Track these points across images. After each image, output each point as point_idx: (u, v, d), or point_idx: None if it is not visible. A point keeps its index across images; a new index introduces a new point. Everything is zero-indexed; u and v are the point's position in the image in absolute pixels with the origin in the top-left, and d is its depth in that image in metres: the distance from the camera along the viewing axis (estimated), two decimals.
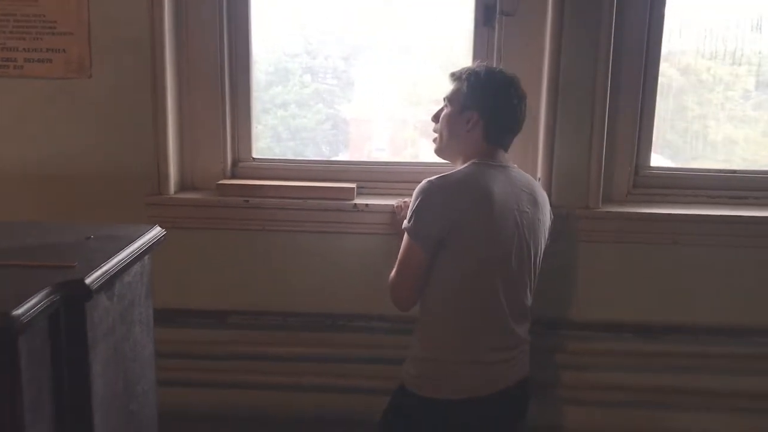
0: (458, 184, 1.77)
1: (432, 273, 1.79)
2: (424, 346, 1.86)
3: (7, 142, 2.22)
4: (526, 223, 1.82)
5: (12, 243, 1.05)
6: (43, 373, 0.90)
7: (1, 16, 2.16)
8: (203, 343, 2.30)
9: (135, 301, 1.14)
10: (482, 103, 1.83)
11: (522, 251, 1.83)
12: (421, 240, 1.75)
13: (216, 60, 2.26)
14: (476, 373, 1.82)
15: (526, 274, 1.87)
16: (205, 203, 2.25)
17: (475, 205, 1.74)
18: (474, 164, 1.82)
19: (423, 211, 1.74)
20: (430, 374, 1.84)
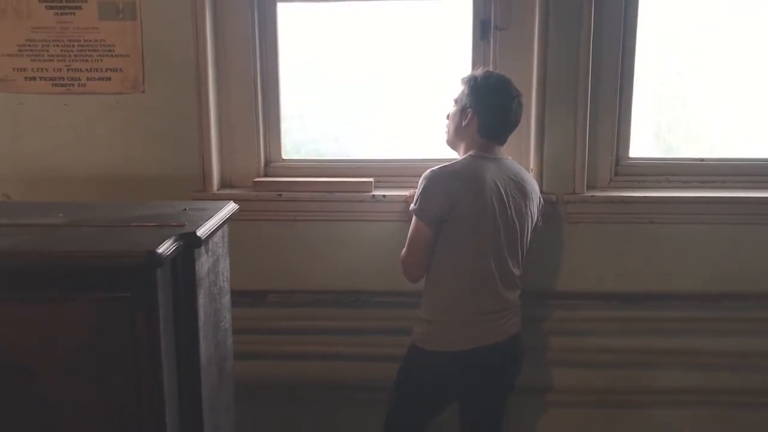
0: (455, 172, 2.15)
1: (434, 249, 2.15)
2: (427, 310, 2.23)
3: (74, 148, 2.57)
4: (514, 206, 2.18)
5: (132, 214, 1.41)
6: (168, 299, 1.24)
7: (67, 41, 2.52)
8: (246, 319, 2.63)
9: (219, 257, 1.49)
10: (477, 102, 2.20)
11: (510, 229, 2.19)
12: (425, 218, 2.12)
13: (250, 76, 2.61)
14: (469, 331, 2.19)
15: (514, 249, 2.23)
16: (245, 198, 2.60)
17: (468, 190, 2.12)
18: (470, 156, 2.20)
19: (426, 194, 2.12)
20: (431, 332, 2.22)
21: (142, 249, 1.15)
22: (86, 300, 1.17)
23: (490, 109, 2.21)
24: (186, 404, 1.31)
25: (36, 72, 2.54)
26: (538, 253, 2.53)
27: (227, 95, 2.63)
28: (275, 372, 2.67)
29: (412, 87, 2.75)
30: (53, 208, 1.52)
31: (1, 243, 1.22)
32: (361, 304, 2.63)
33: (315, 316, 2.65)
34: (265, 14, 2.63)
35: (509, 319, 2.25)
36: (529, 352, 2.56)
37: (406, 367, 2.31)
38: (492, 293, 2.18)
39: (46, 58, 2.53)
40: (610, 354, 2.62)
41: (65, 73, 2.55)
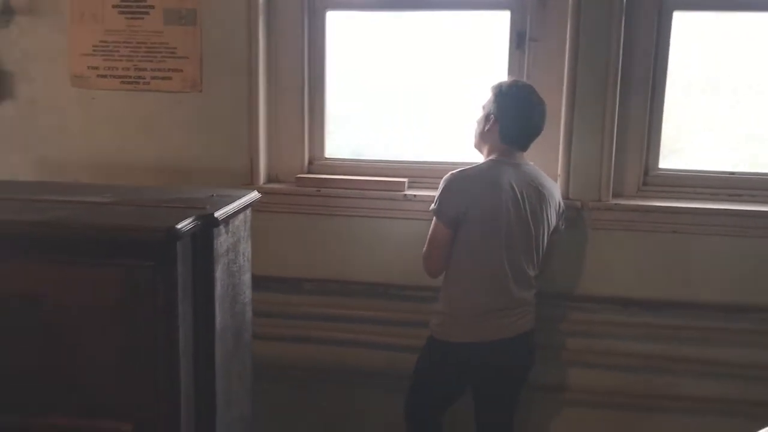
0: (472, 176, 2.30)
1: (453, 248, 2.30)
2: (443, 303, 2.39)
3: (138, 140, 2.84)
4: (530, 210, 2.30)
5: (166, 197, 1.62)
6: (188, 270, 1.45)
7: (136, 43, 2.79)
8: (282, 304, 2.85)
9: (240, 238, 1.69)
10: (500, 109, 2.34)
11: (525, 232, 2.32)
12: (443, 218, 2.28)
13: (298, 79, 2.82)
14: (480, 325, 2.34)
15: (529, 250, 2.35)
16: (287, 192, 2.81)
17: (483, 192, 2.26)
18: (490, 160, 2.34)
19: (444, 195, 2.28)
20: (445, 324, 2.38)
21: (164, 225, 1.36)
22: (117, 266, 1.38)
23: (511, 116, 2.34)
24: (200, 364, 1.51)
25: (107, 70, 2.82)
26: (562, 256, 2.65)
27: (277, 97, 2.84)
28: (305, 355, 2.86)
29: (450, 93, 2.90)
30: (104, 189, 1.76)
31: (52, 215, 1.45)
32: (389, 296, 2.79)
33: (346, 305, 2.83)
34: (315, 22, 2.83)
35: (521, 316, 2.38)
36: (547, 351, 2.69)
37: (423, 356, 2.48)
38: (504, 291, 2.31)
39: (116, 58, 2.81)
40: (628, 358, 2.69)
41: (132, 72, 2.82)
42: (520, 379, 2.49)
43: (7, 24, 2.81)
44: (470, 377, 2.45)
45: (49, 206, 1.52)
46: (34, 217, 1.42)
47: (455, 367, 2.40)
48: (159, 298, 1.39)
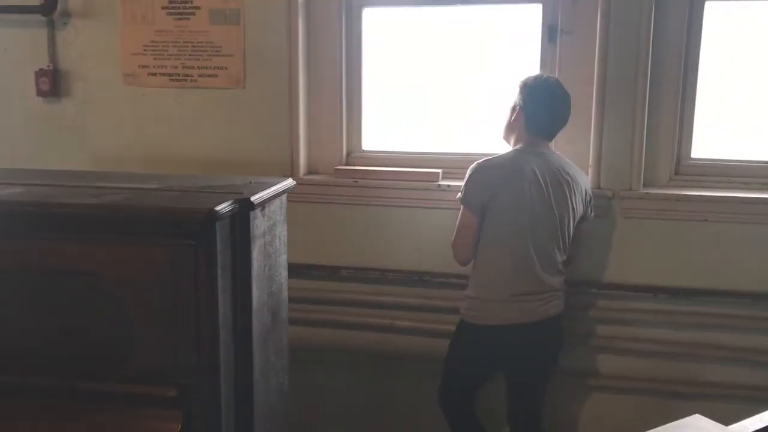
0: (497, 165, 2.41)
1: (479, 235, 2.38)
2: (472, 288, 2.49)
3: (185, 134, 2.99)
4: (554, 197, 2.38)
5: (208, 184, 1.76)
6: (227, 249, 1.58)
7: (183, 43, 2.95)
8: (320, 290, 2.98)
9: (276, 222, 1.82)
10: (525, 100, 2.43)
11: (549, 218, 2.40)
12: (469, 206, 2.38)
13: (336, 75, 2.93)
14: (507, 308, 2.43)
15: (555, 236, 2.43)
16: (325, 183, 2.93)
17: (507, 180, 2.36)
18: (516, 150, 2.44)
19: (469, 183, 2.38)
20: (473, 307, 2.48)
21: (204, 208, 1.49)
22: (162, 245, 1.52)
23: (535, 106, 2.43)
24: (239, 336, 1.64)
25: (156, 69, 2.99)
26: (593, 245, 2.71)
27: (316, 92, 2.96)
28: (343, 340, 2.97)
29: (483, 86, 2.97)
30: (152, 177, 1.91)
31: (107, 200, 1.59)
32: (423, 283, 2.89)
33: (381, 291, 2.93)
34: (352, 19, 2.94)
35: (549, 301, 2.46)
36: (577, 337, 2.75)
37: (454, 340, 2.58)
38: (531, 276, 2.39)
39: (165, 56, 2.97)
40: (656, 345, 2.73)
41: (180, 70, 2.98)
42: (548, 362, 2.57)
43: (64, 26, 3.00)
44: (499, 359, 2.54)
45: (105, 192, 1.67)
46: (91, 201, 1.57)
47: (484, 349, 2.49)
48: (200, 274, 1.52)
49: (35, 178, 1.82)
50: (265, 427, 1.79)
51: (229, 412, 1.63)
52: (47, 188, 1.70)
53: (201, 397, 1.57)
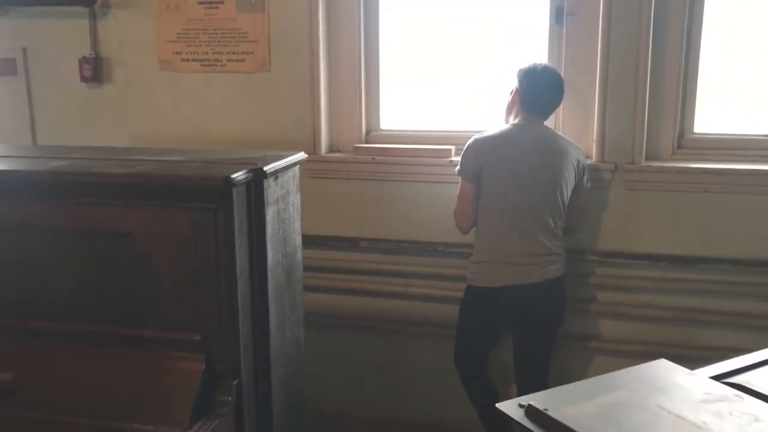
0: (490, 137, 2.64)
1: (478, 204, 2.59)
2: (475, 253, 2.71)
3: (216, 115, 3.22)
4: (546, 166, 2.59)
5: (228, 156, 1.97)
6: (243, 212, 1.79)
7: (213, 30, 3.17)
8: (341, 260, 3.19)
9: (290, 190, 2.02)
10: (520, 83, 2.66)
11: (542, 184, 2.60)
12: (464, 175, 2.63)
13: (355, 58, 3.12)
14: (509, 270, 2.63)
15: (548, 202, 2.61)
16: (345, 160, 3.13)
17: (499, 149, 2.60)
18: (511, 125, 2.68)
19: (465, 155, 2.65)
20: (476, 271, 2.70)
21: (222, 175, 1.70)
22: (187, 208, 1.74)
23: (529, 88, 2.66)
24: (255, 290, 1.86)
25: (189, 55, 3.22)
26: (598, 215, 2.87)
27: (336, 74, 3.16)
28: (361, 306, 3.18)
29: (496, 66, 3.13)
30: (179, 152, 2.13)
31: (138, 169, 1.82)
32: (436, 253, 3.08)
33: (398, 261, 3.13)
34: (370, 5, 3.12)
35: (544, 265, 2.64)
36: (582, 303, 2.92)
37: (462, 303, 2.79)
38: (528, 240, 2.59)
39: (196, 43, 3.20)
40: (657, 310, 2.88)
41: (211, 55, 3.20)
42: (551, 321, 2.75)
43: (105, 16, 3.25)
44: (501, 319, 2.72)
45: (137, 163, 1.90)
46: (125, 171, 1.80)
47: (489, 309, 2.69)
48: (219, 234, 1.74)
49: (78, 152, 2.06)
50: (280, 373, 2.01)
51: (247, 355, 1.85)
52: (88, 161, 1.93)
53: (221, 342, 1.79)
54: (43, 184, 1.79)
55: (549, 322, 2.77)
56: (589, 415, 1.40)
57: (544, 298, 2.70)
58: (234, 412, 1.82)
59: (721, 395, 1.51)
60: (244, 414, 1.85)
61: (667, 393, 1.52)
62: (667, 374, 1.63)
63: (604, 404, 1.46)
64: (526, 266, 2.61)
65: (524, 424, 1.39)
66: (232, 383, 1.80)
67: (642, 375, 1.64)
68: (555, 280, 2.66)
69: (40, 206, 1.79)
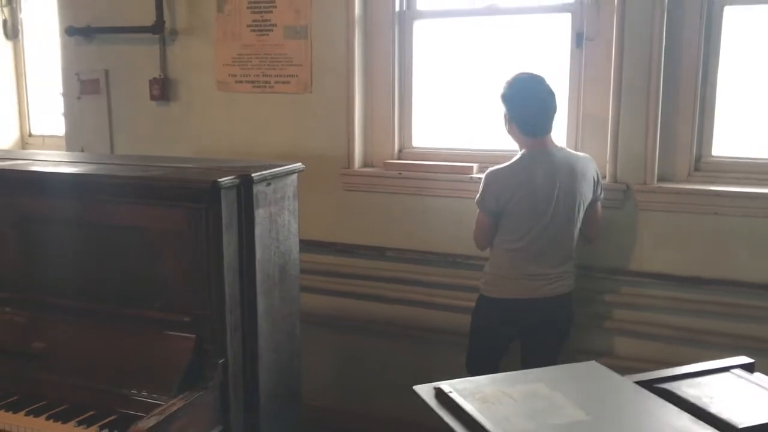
0: (508, 174, 2.72)
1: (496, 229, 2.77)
2: (490, 267, 2.83)
3: (264, 132, 3.55)
4: (563, 195, 2.68)
5: (232, 165, 2.26)
6: (233, 214, 2.06)
7: (263, 55, 3.51)
8: (368, 268, 3.41)
9: (285, 196, 2.28)
10: (509, 109, 2.75)
11: (560, 213, 2.70)
12: (484, 210, 2.76)
13: (389, 80, 3.36)
14: (521, 284, 2.74)
15: (565, 227, 2.72)
16: (375, 174, 3.37)
17: (518, 188, 2.68)
18: (521, 155, 2.75)
19: (484, 191, 2.75)
20: (489, 282, 2.83)
21: (211, 179, 1.99)
22: (183, 207, 2.03)
23: (519, 111, 2.73)
24: (244, 280, 2.12)
25: (242, 77, 3.57)
26: (610, 234, 2.94)
27: (371, 96, 3.41)
28: (386, 312, 3.39)
29: None
30: (195, 160, 2.46)
31: (149, 173, 2.14)
32: (457, 264, 3.24)
33: (421, 271, 3.32)
34: (404, 32, 3.37)
35: (558, 281, 2.76)
36: (594, 319, 3.00)
37: (474, 312, 2.94)
38: (542, 262, 2.73)
39: (249, 67, 3.55)
40: (666, 329, 2.91)
41: (261, 78, 3.54)
42: (557, 334, 2.86)
43: (173, 42, 3.67)
44: (513, 329, 2.85)
45: (152, 168, 2.22)
46: (136, 173, 2.13)
47: (500, 319, 2.83)
48: (209, 230, 2.02)
49: (110, 159, 2.42)
50: (271, 358, 2.26)
51: (234, 338, 2.11)
52: (114, 166, 2.28)
53: (210, 325, 2.06)
54: (69, 184, 2.16)
55: (555, 335, 2.87)
56: (490, 400, 1.55)
57: (553, 312, 2.81)
58: (219, 388, 2.09)
59: (632, 397, 1.61)
60: (230, 391, 2.11)
61: (579, 389, 1.64)
62: (592, 374, 1.74)
63: (514, 393, 1.60)
64: (536, 282, 2.74)
65: (428, 402, 1.56)
66: (218, 362, 2.07)
67: (568, 373, 1.76)
68: (564, 295, 2.78)
69: (68, 202, 2.15)
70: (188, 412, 1.96)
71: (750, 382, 1.81)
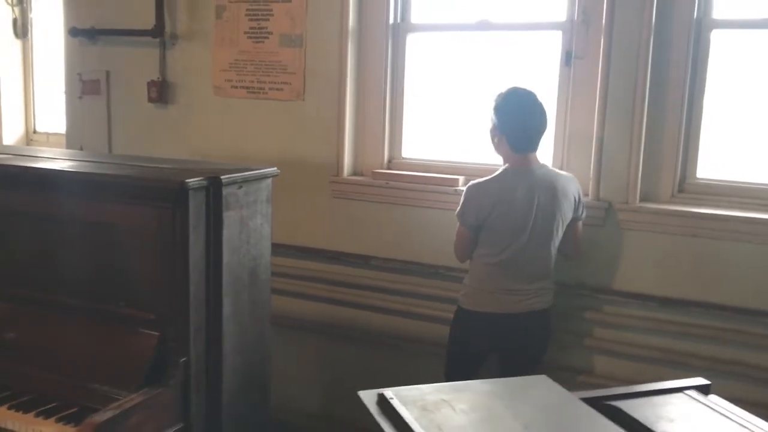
0: (488, 188, 2.73)
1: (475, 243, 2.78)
2: (469, 280, 2.85)
3: (257, 137, 3.59)
4: (542, 212, 2.69)
5: (208, 167, 2.30)
6: (201, 215, 2.10)
7: (258, 62, 3.56)
8: (353, 275, 3.43)
9: (258, 199, 2.31)
10: (499, 122, 2.75)
11: (539, 230, 2.70)
12: (464, 224, 2.77)
13: (381, 91, 3.39)
14: (496, 299, 2.75)
15: (544, 244, 2.73)
16: (363, 183, 3.40)
17: (498, 203, 2.68)
18: (504, 170, 2.76)
19: (465, 205, 2.76)
20: (467, 294, 2.84)
21: (179, 180, 2.02)
22: (153, 206, 2.07)
23: (510, 127, 2.73)
24: (210, 280, 2.15)
25: (238, 83, 3.63)
26: (592, 252, 2.94)
27: (363, 105, 3.44)
28: (368, 320, 3.41)
29: None
30: (168, 162, 2.49)
31: (123, 172, 2.18)
32: (439, 276, 3.25)
33: (404, 281, 3.34)
34: (398, 44, 3.40)
35: (535, 296, 2.77)
36: (569, 335, 3.00)
37: (452, 324, 2.95)
38: (520, 278, 2.74)
39: (245, 73, 3.60)
40: (644, 349, 2.89)
41: (256, 84, 3.59)
42: (534, 349, 2.85)
43: (172, 46, 3.73)
44: (490, 342, 2.85)
45: (129, 167, 2.27)
46: (109, 171, 2.17)
47: (476, 332, 2.83)
48: (177, 230, 2.05)
49: (92, 157, 2.47)
50: (237, 359, 2.29)
51: (198, 338, 2.14)
52: (92, 164, 2.33)
53: (174, 324, 2.10)
54: (41, 179, 2.21)
55: (532, 351, 2.87)
56: (430, 408, 1.56)
57: (530, 328, 2.81)
58: (181, 387, 2.12)
59: (575, 414, 1.62)
60: (192, 390, 2.14)
61: (523, 402, 1.65)
62: (540, 389, 1.75)
63: (456, 403, 1.61)
64: (514, 296, 2.75)
65: (369, 408, 1.57)
66: (179, 360, 2.10)
67: (517, 386, 1.77)
68: (542, 311, 2.78)
69: (39, 197, 2.21)
70: (146, 408, 1.99)
71: (702, 404, 1.80)
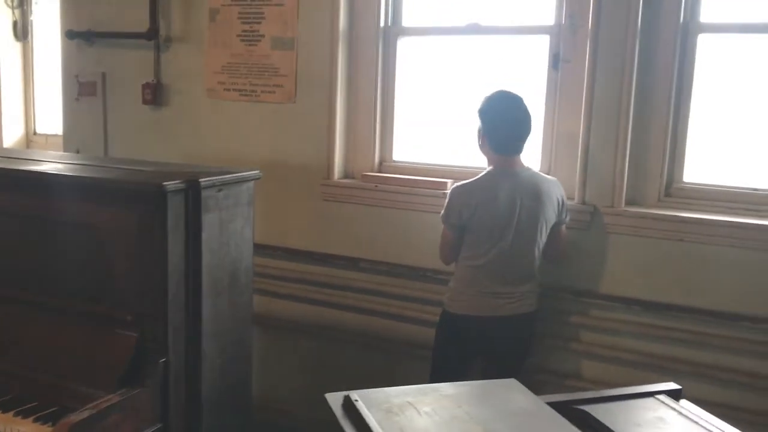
0: (472, 190, 2.75)
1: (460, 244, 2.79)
2: (454, 282, 2.87)
3: (250, 139, 3.61)
4: (527, 214, 2.70)
5: (191, 170, 2.33)
6: (180, 217, 2.12)
7: (251, 64, 3.59)
8: (342, 278, 3.45)
9: (239, 201, 2.34)
10: (484, 124, 2.77)
11: (522, 233, 2.72)
12: (448, 225, 2.78)
13: (372, 94, 3.41)
14: (479, 301, 2.77)
15: (527, 247, 2.73)
16: (353, 186, 3.42)
17: (481, 204, 2.70)
18: (488, 172, 2.78)
19: (448, 206, 2.78)
20: (452, 297, 2.86)
21: (157, 183, 2.05)
22: (130, 208, 2.10)
23: (494, 128, 2.75)
24: (190, 283, 2.18)
25: (231, 85, 3.65)
26: (576, 256, 2.95)
27: (354, 109, 3.46)
28: (357, 322, 3.42)
29: None
30: (151, 164, 2.52)
31: (106, 175, 2.21)
32: (426, 278, 3.26)
33: (392, 283, 3.35)
34: (389, 47, 3.41)
35: (519, 299, 2.78)
36: (554, 339, 3.00)
37: (438, 326, 2.96)
38: (504, 281, 2.76)
39: (237, 75, 3.63)
40: (628, 353, 2.89)
41: (248, 86, 3.61)
42: (518, 352, 2.86)
43: (167, 49, 3.76)
44: (474, 345, 2.86)
45: (110, 171, 2.30)
46: (93, 175, 2.20)
47: (461, 334, 2.85)
48: (155, 232, 2.08)
49: (78, 159, 2.50)
50: (216, 361, 2.31)
51: (177, 339, 2.17)
52: (74, 166, 2.36)
53: (152, 324, 2.12)
54: (24, 180, 2.25)
55: (516, 354, 2.88)
56: (395, 411, 1.58)
57: (514, 331, 2.82)
58: (160, 387, 2.14)
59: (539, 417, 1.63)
60: (170, 390, 2.16)
61: (488, 406, 1.66)
62: (507, 392, 1.76)
63: (421, 406, 1.63)
64: (498, 300, 2.76)
65: (334, 410, 1.59)
66: (158, 361, 2.13)
67: (484, 389, 1.78)
68: (526, 314, 2.80)
69: (23, 197, 2.24)
70: (124, 408, 2.01)
71: (671, 408, 1.80)
